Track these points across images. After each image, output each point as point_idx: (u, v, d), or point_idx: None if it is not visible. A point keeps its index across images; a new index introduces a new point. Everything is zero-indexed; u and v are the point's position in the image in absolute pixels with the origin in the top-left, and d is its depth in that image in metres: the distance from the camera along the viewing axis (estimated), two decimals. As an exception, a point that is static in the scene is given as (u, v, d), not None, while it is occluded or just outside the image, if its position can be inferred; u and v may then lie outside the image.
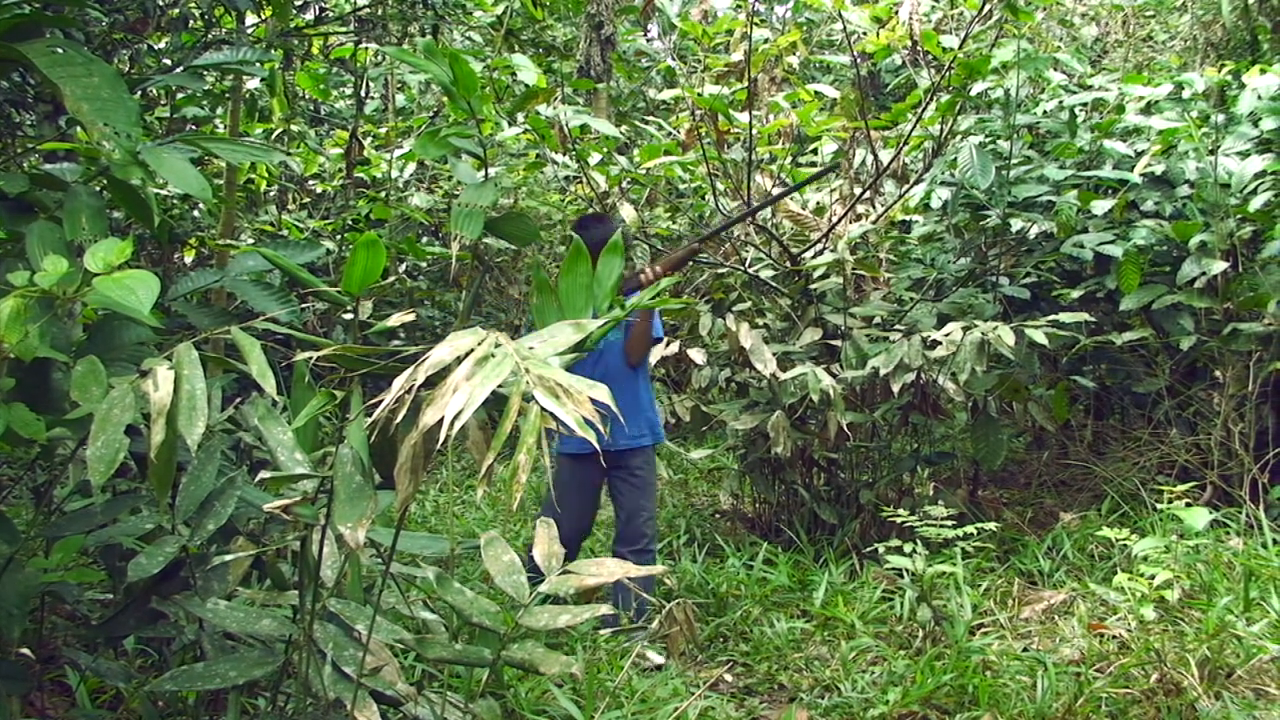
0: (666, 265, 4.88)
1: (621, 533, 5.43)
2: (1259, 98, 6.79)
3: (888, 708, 4.26)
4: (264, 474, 2.55)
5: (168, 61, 5.50)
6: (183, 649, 3.16)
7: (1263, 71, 6.80)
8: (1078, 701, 4.09)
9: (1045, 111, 7.38)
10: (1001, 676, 4.41)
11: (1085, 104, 7.47)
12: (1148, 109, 7.32)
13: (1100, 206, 6.72)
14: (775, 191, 7.31)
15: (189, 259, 7.90)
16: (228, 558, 2.92)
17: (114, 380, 2.34)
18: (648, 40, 13.87)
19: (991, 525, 5.16)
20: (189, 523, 2.92)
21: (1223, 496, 6.44)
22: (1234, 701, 4.02)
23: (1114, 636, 4.63)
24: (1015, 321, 5.94)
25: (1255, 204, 6.44)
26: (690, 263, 5.41)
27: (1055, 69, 7.41)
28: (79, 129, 3.95)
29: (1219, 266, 6.33)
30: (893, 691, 4.36)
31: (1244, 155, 6.78)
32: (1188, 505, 5.29)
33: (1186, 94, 7.21)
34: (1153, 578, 4.65)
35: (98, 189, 2.97)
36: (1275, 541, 5.59)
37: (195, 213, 7.30)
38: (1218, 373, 6.89)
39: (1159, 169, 6.99)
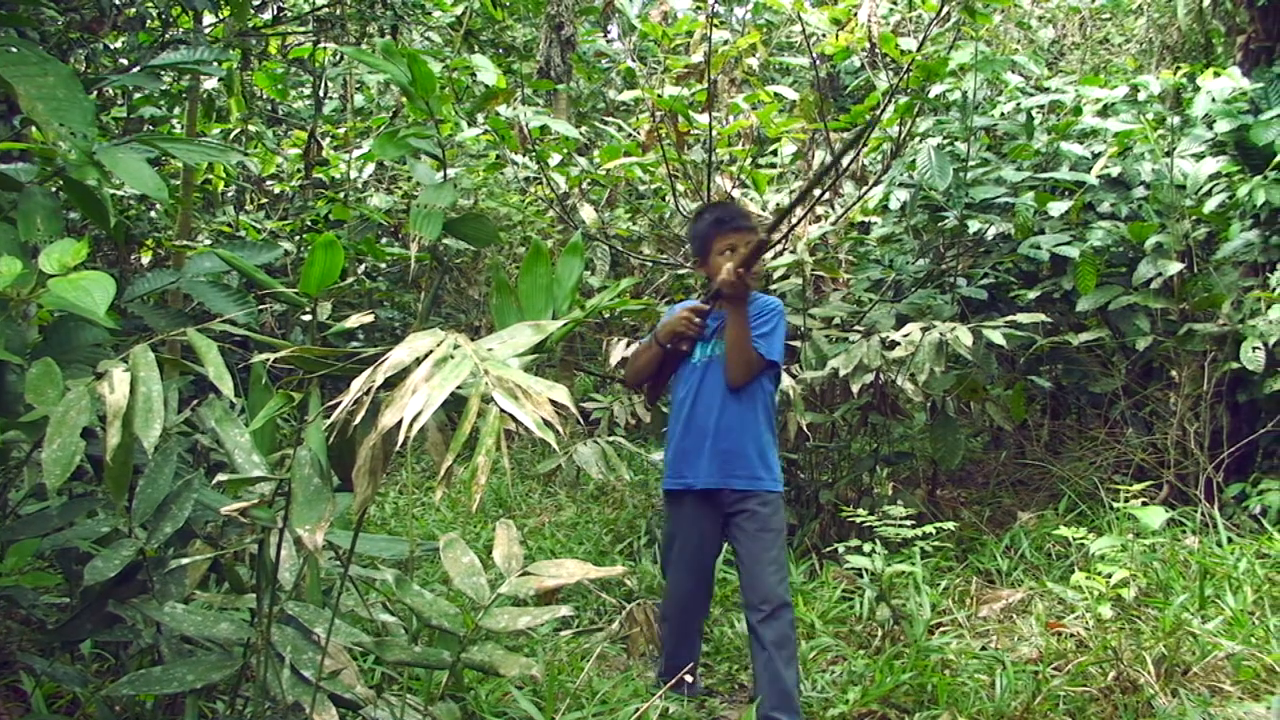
0: (740, 263, 4.12)
1: (745, 594, 4.24)
2: (1213, 100, 6.86)
3: (847, 707, 4.27)
4: (221, 476, 2.54)
5: (124, 61, 5.47)
6: (140, 653, 3.14)
7: (1217, 74, 6.87)
8: (1036, 700, 4.11)
9: (1003, 113, 7.43)
10: (960, 675, 4.43)
11: (1042, 106, 7.52)
12: (1104, 111, 7.37)
13: (1057, 208, 6.77)
14: (736, 193, 7.32)
15: (145, 260, 7.84)
16: (185, 561, 2.90)
17: (70, 382, 2.32)
18: (608, 41, 13.86)
19: (950, 525, 5.18)
20: (146, 526, 2.90)
21: (1178, 495, 6.50)
22: (1190, 698, 4.05)
23: (1071, 635, 4.66)
24: (973, 322, 5.97)
25: (1210, 205, 6.51)
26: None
27: (1013, 71, 7.46)
28: (34, 129, 3.91)
29: (1174, 267, 6.39)
30: (852, 690, 4.37)
31: (1199, 157, 6.85)
32: (1144, 504, 5.34)
33: (1142, 96, 7.28)
34: (1109, 576, 4.69)
35: (53, 189, 2.95)
36: (1230, 540, 5.64)
37: (152, 213, 7.25)
38: (1173, 373, 6.95)
39: (1115, 171, 7.05)
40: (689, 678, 4.31)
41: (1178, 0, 9.79)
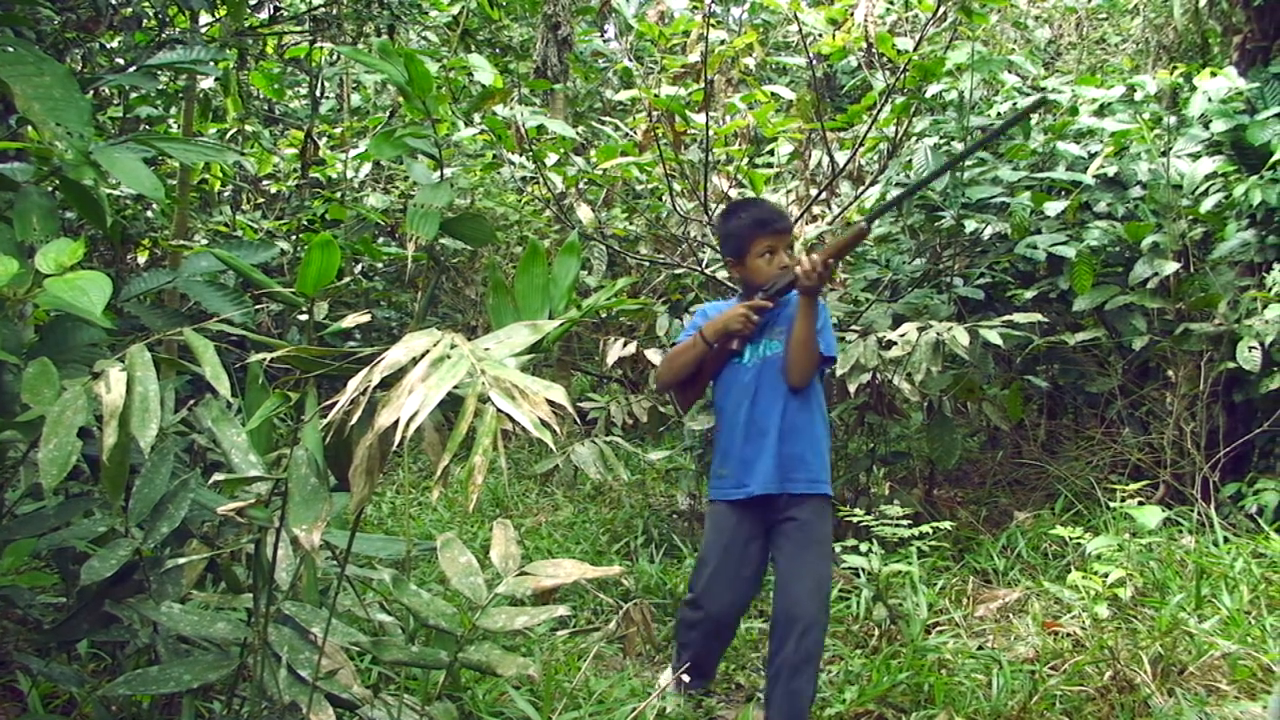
0: (830, 253, 3.93)
1: (778, 605, 3.95)
2: (1209, 100, 6.86)
3: (844, 706, 4.27)
4: (218, 476, 2.54)
5: (121, 61, 5.46)
6: (137, 653, 3.13)
7: (1213, 74, 6.87)
8: (1032, 699, 4.12)
9: (999, 113, 7.43)
10: (957, 675, 4.43)
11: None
12: (1100, 111, 7.37)
13: (1053, 208, 6.77)
14: (733, 192, 7.33)
15: (142, 260, 7.84)
16: (182, 560, 2.90)
17: (66, 382, 2.32)
18: (604, 41, 13.87)
19: (946, 524, 5.18)
20: (142, 525, 2.90)
21: (1175, 495, 6.50)
22: (1186, 698, 4.06)
23: (1068, 634, 4.66)
24: (970, 322, 5.97)
25: (1206, 205, 6.52)
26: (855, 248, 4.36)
27: (1009, 71, 7.46)
28: (30, 128, 3.91)
29: (1171, 267, 6.40)
30: (849, 690, 4.38)
31: (1195, 157, 6.86)
32: (1140, 504, 5.33)
33: (1139, 96, 7.28)
34: (1106, 576, 4.69)
35: (49, 189, 2.94)
36: (1226, 540, 5.64)
37: (148, 213, 7.25)
38: (1170, 372, 6.95)
39: (1111, 171, 7.06)
40: (685, 677, 4.21)
41: (1174, 0, 9.79)
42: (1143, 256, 6.54)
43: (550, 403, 1.95)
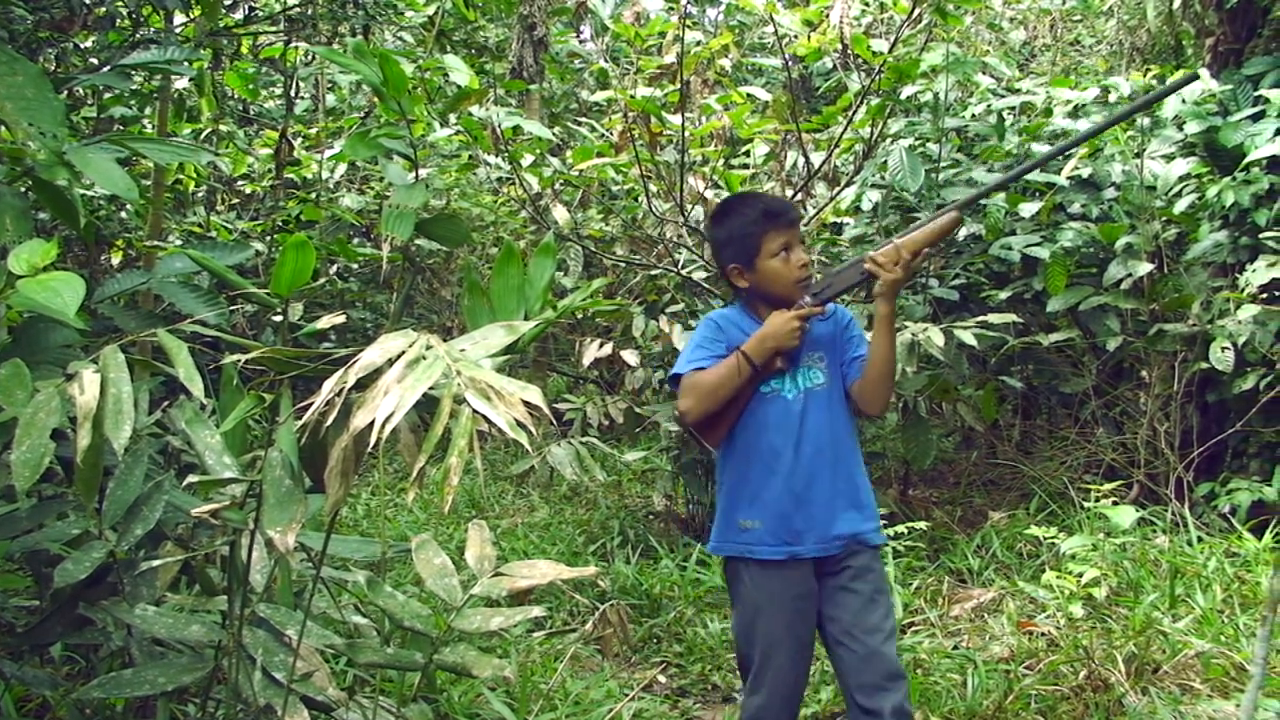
0: (920, 243, 3.32)
1: (857, 673, 3.26)
2: (1183, 102, 6.90)
3: (820, 706, 4.28)
4: (192, 478, 2.53)
5: (94, 60, 5.43)
6: (111, 655, 3.12)
7: (1186, 76, 6.90)
8: (1007, 699, 4.13)
9: (974, 115, 7.47)
10: (932, 674, 4.45)
11: (1013, 107, 7.56)
12: (1075, 112, 7.41)
13: (1028, 209, 6.81)
14: (709, 193, 7.33)
15: (116, 260, 7.80)
16: (156, 563, 2.89)
17: (39, 384, 2.31)
18: (580, 42, 13.87)
19: (922, 524, 5.21)
20: (116, 527, 2.89)
21: (1149, 495, 6.53)
22: (1160, 697, 4.08)
23: (1043, 634, 4.68)
24: (944, 323, 5.99)
25: (1180, 206, 6.55)
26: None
27: (984, 73, 7.50)
28: (3, 128, 3.89)
29: (1144, 268, 6.43)
30: (825, 690, 4.39)
31: (1169, 158, 6.90)
32: (1114, 504, 5.37)
33: (1113, 98, 7.32)
34: (1080, 575, 4.72)
35: (22, 189, 2.93)
36: (1200, 539, 5.68)
37: (122, 214, 7.21)
38: (1143, 373, 6.99)
39: (1086, 172, 7.09)
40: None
41: (1147, 2, 9.84)
42: (1116, 257, 6.57)
43: (526, 404, 1.95)
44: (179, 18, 6.13)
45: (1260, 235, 6.16)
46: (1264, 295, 6.08)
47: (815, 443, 3.34)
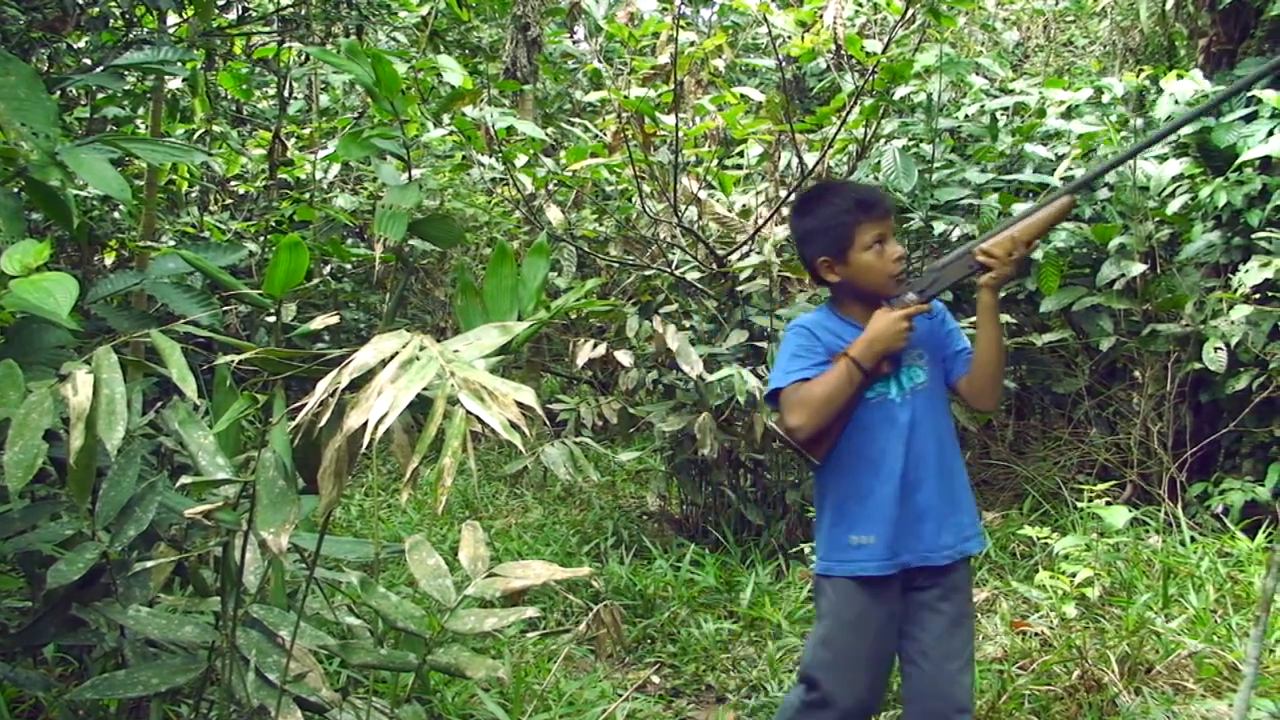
0: (1033, 232, 3.17)
1: (924, 697, 3.19)
2: (1176, 102, 6.91)
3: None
4: (185, 479, 2.53)
5: (87, 61, 5.42)
6: (104, 656, 3.12)
7: (1179, 77, 6.92)
8: (1001, 699, 4.14)
9: (967, 115, 7.48)
10: (926, 675, 4.45)
11: (1006, 108, 7.57)
12: (1068, 113, 7.42)
13: (1021, 209, 6.80)
14: (702, 194, 7.34)
15: (109, 261, 7.80)
16: (149, 564, 2.88)
17: (32, 384, 2.31)
18: (574, 42, 13.85)
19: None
20: (109, 528, 2.89)
21: (1142, 495, 6.54)
22: (1153, 697, 4.09)
23: (1036, 634, 4.68)
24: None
25: (1172, 207, 6.56)
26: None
27: (977, 73, 7.50)
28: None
29: (1137, 268, 6.44)
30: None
31: (1161, 159, 6.90)
32: (1108, 504, 5.37)
33: (1106, 98, 7.33)
34: (1074, 576, 4.73)
35: (15, 190, 2.92)
36: (1193, 539, 5.69)
37: (115, 214, 7.21)
38: (1137, 373, 7.00)
39: (1079, 172, 7.09)
40: None
41: (1140, 3, 9.86)
42: (1110, 258, 6.58)
43: (519, 404, 1.95)
44: (172, 18, 6.12)
45: (1253, 236, 6.18)
46: (1256, 295, 6.10)
47: (923, 446, 3.16)
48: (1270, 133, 6.27)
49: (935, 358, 3.27)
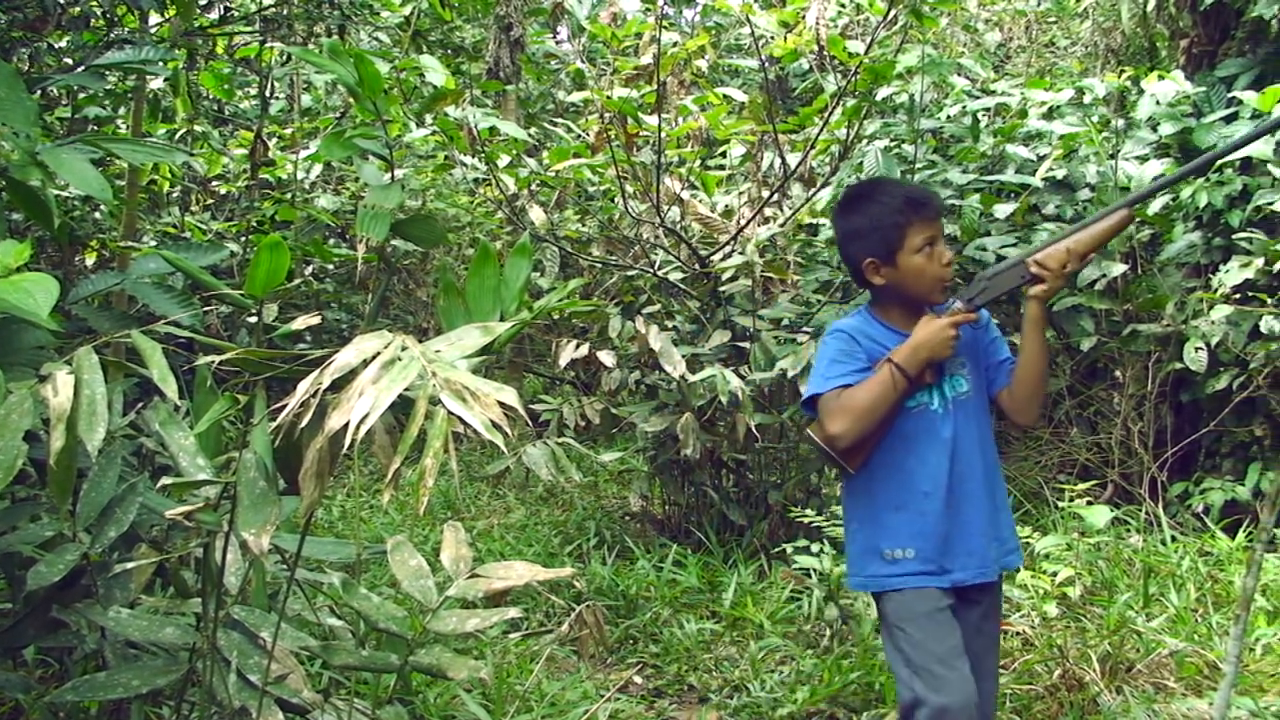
0: (1091, 244, 3.01)
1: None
2: (1157, 103, 6.94)
3: (796, 706, 4.29)
4: (166, 480, 2.52)
5: (68, 60, 5.40)
6: (84, 658, 3.11)
7: (1161, 78, 6.94)
8: (982, 698, 4.14)
9: (949, 116, 7.49)
10: (908, 674, 4.46)
11: (988, 109, 7.59)
12: (1049, 114, 7.44)
13: (1003, 210, 6.83)
14: (685, 194, 7.34)
15: (90, 261, 7.77)
16: (130, 565, 2.87)
17: (12, 385, 2.30)
18: (557, 42, 13.84)
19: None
20: (90, 530, 2.88)
21: (1123, 494, 6.57)
22: (1134, 696, 4.10)
23: (1017, 633, 4.69)
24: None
25: (1154, 207, 6.59)
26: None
27: (959, 74, 7.51)
28: (-25, 129, 3.86)
29: (1119, 269, 6.47)
30: (801, 690, 4.39)
31: (1143, 160, 6.93)
32: (1089, 503, 5.39)
33: (1087, 99, 7.35)
34: (1055, 575, 4.74)
35: (-6, 190, 2.92)
36: (1174, 538, 5.71)
37: (96, 214, 7.18)
38: (1117, 373, 7.03)
39: (1060, 173, 7.12)
40: None
41: (1122, 4, 9.89)
42: (1091, 258, 6.61)
43: (502, 405, 1.95)
44: (154, 18, 6.11)
45: (1233, 236, 6.20)
46: (1237, 295, 6.12)
47: (967, 458, 3.04)
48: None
49: (977, 367, 3.17)
